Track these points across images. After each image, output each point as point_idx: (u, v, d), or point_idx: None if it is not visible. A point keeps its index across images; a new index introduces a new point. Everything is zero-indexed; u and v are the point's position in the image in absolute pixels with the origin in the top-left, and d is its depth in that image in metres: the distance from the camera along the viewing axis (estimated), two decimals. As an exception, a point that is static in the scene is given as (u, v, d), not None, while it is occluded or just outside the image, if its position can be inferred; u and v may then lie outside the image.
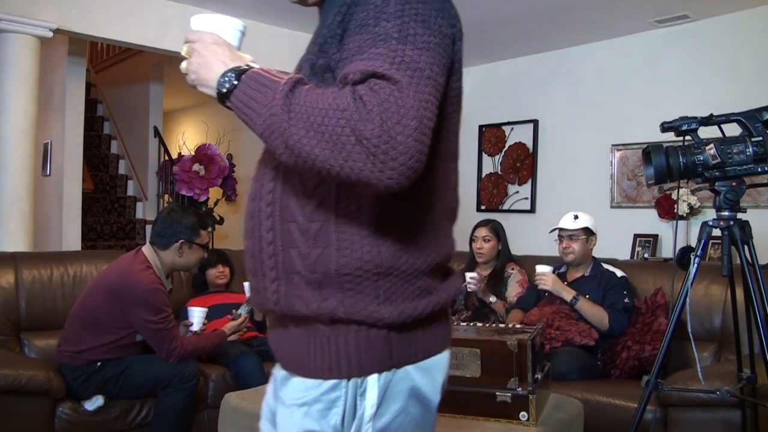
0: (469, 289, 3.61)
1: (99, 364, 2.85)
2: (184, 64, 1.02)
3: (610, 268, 3.47)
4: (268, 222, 1.01)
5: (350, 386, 0.97)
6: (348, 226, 0.96)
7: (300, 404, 0.98)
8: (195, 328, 3.14)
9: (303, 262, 0.98)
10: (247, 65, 0.97)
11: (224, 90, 0.95)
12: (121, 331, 2.84)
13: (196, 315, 3.16)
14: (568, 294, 3.28)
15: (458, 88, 1.05)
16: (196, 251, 3.01)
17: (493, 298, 3.62)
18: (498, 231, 3.86)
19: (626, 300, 3.28)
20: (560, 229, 3.51)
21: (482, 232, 3.85)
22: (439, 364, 1.08)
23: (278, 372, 1.08)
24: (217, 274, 3.78)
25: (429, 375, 1.05)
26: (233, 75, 0.95)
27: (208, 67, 0.97)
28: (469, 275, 3.58)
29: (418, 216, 1.02)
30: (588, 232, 3.47)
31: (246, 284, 3.53)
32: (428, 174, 0.97)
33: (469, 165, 6.14)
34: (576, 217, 3.49)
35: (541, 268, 3.36)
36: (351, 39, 0.94)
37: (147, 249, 2.95)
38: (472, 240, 3.89)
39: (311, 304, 0.97)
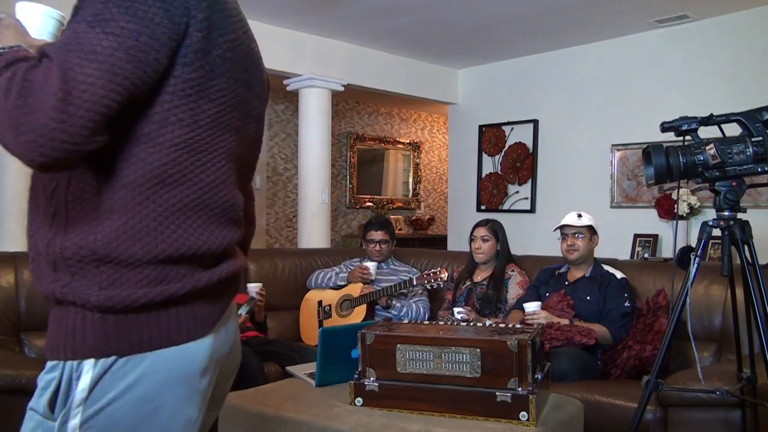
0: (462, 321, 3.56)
1: None
2: None
3: (611, 269, 3.46)
4: (28, 206, 1.10)
5: (66, 368, 1.00)
6: (75, 212, 1.02)
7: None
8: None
9: (42, 243, 1.04)
10: (10, 46, 0.98)
11: None
12: None
13: None
14: (564, 322, 3.27)
15: (192, 80, 1.03)
16: None
17: (489, 321, 3.60)
18: (497, 231, 3.85)
19: (626, 304, 3.27)
20: (564, 227, 3.50)
21: (481, 231, 3.84)
22: (191, 353, 1.06)
23: None
24: None
25: (177, 364, 1.04)
26: None
27: None
28: (456, 311, 3.55)
29: (140, 206, 1.01)
30: (591, 230, 3.47)
31: (249, 285, 3.53)
32: (152, 163, 1.01)
33: (469, 165, 6.15)
34: (579, 215, 3.49)
35: (529, 307, 3.28)
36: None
37: None
38: (471, 240, 3.88)
39: (44, 283, 1.04)
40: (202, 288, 1.07)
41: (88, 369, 0.99)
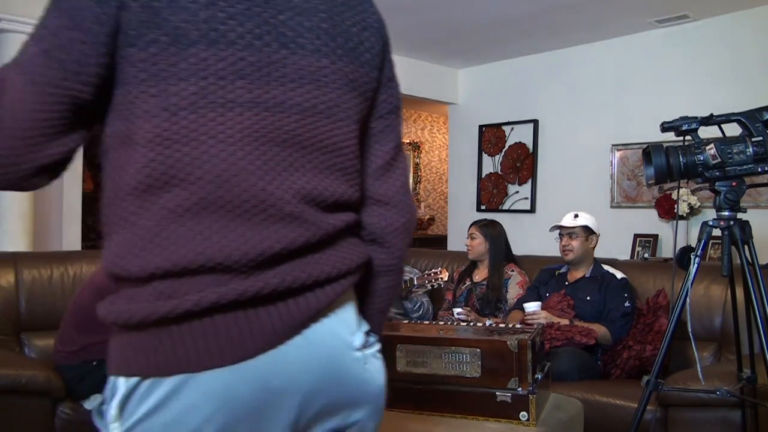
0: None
1: (95, 363, 2.85)
2: None
3: (611, 269, 3.46)
4: None
5: (110, 382, 0.92)
6: (106, 229, 0.93)
7: None
8: None
9: None
10: None
11: None
12: None
13: None
14: (564, 322, 3.28)
15: (144, 60, 0.85)
16: None
17: (489, 321, 3.60)
18: (487, 229, 3.88)
19: (626, 304, 3.28)
20: (560, 227, 3.51)
21: (471, 230, 3.91)
22: (220, 383, 0.87)
23: None
24: None
25: (206, 393, 0.87)
26: None
27: None
28: (456, 311, 3.58)
29: (135, 216, 0.88)
30: (588, 230, 3.47)
31: None
32: (135, 166, 0.87)
33: (470, 165, 6.15)
34: (576, 215, 3.50)
35: (529, 307, 3.29)
36: None
37: None
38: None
39: None
40: (231, 302, 0.88)
41: (119, 387, 0.90)
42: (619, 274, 3.42)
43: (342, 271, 0.98)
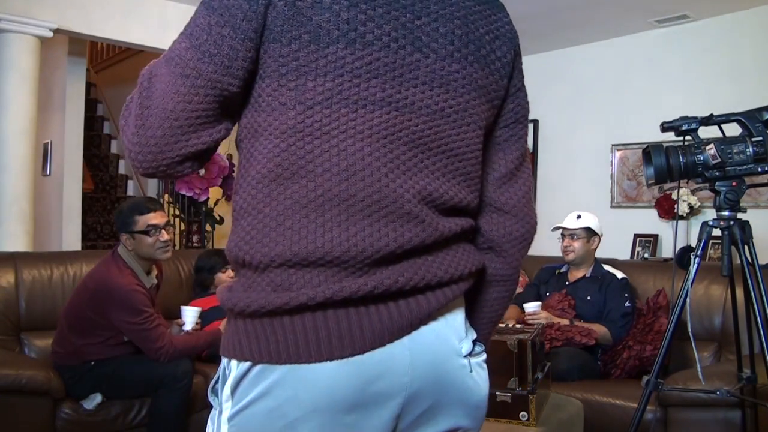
0: None
1: (92, 363, 2.85)
2: None
3: (611, 269, 3.46)
4: None
5: (223, 363, 0.97)
6: (234, 214, 0.98)
7: None
8: (187, 327, 3.11)
9: None
10: None
11: None
12: (108, 332, 2.84)
13: (189, 314, 3.14)
14: (564, 322, 3.28)
15: (285, 56, 0.90)
16: (141, 239, 2.90)
17: None
18: None
19: (627, 304, 3.27)
20: (562, 228, 3.51)
21: None
22: (328, 375, 0.89)
23: None
24: (226, 278, 3.76)
25: (311, 386, 0.89)
26: None
27: None
28: None
29: (262, 204, 0.92)
30: (590, 232, 3.47)
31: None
32: (267, 155, 0.91)
33: (469, 165, 6.15)
34: (579, 216, 3.49)
35: (529, 307, 3.29)
36: None
37: (121, 249, 2.94)
38: None
39: None
40: (344, 299, 0.89)
41: (233, 369, 0.93)
42: (619, 274, 3.42)
43: (454, 277, 0.98)
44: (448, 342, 0.98)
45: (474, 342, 1.04)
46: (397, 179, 0.93)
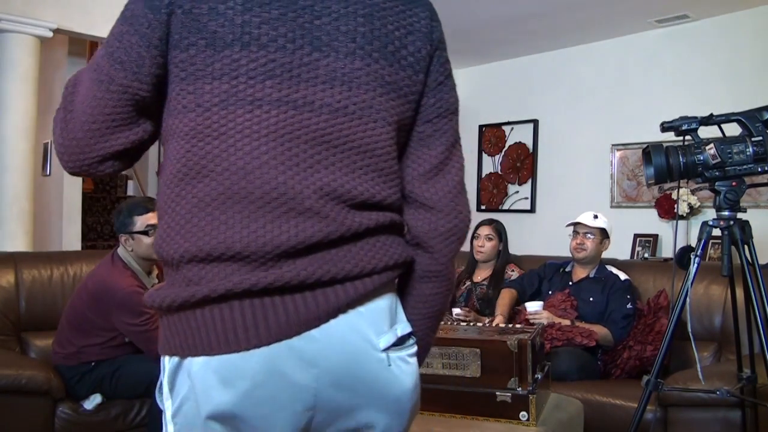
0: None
1: (93, 363, 2.85)
2: None
3: (614, 270, 3.46)
4: None
5: (162, 363, 1.00)
6: (158, 214, 1.03)
7: None
8: None
9: None
10: None
11: None
12: (109, 333, 2.84)
13: None
14: (565, 323, 3.27)
15: (184, 61, 0.94)
16: (140, 239, 2.90)
17: (488, 321, 3.60)
18: (501, 231, 3.86)
19: (629, 305, 3.27)
20: (578, 224, 3.49)
21: (485, 230, 3.85)
22: (235, 367, 0.92)
23: None
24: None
25: (223, 377, 0.92)
26: None
27: None
28: (455, 312, 3.56)
29: (173, 203, 0.96)
30: (604, 233, 3.47)
31: None
32: (175, 156, 0.96)
33: (470, 165, 6.14)
34: (596, 216, 3.48)
35: (531, 307, 3.28)
36: None
37: (121, 250, 2.94)
38: (474, 237, 3.89)
39: None
40: (246, 291, 0.92)
41: (166, 365, 0.98)
42: (622, 276, 3.41)
43: (366, 270, 0.99)
44: (362, 335, 0.98)
45: (406, 336, 1.04)
46: (295, 176, 0.94)
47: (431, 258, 1.09)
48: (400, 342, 1.02)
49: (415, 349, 1.06)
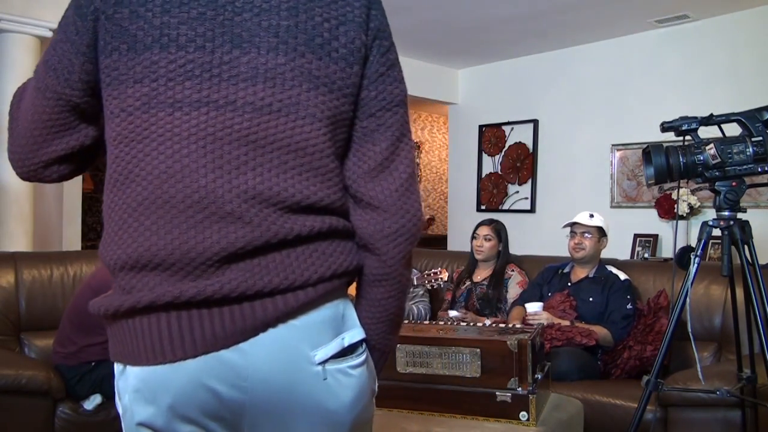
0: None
1: (93, 363, 2.85)
2: None
3: (614, 270, 3.46)
4: None
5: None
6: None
7: None
8: None
9: None
10: None
11: None
12: None
13: None
14: (565, 323, 3.27)
15: (108, 66, 0.93)
16: None
17: (488, 321, 3.60)
18: (500, 232, 3.86)
19: (628, 306, 3.27)
20: (574, 224, 3.49)
21: (484, 230, 3.85)
22: (162, 380, 0.91)
23: None
24: None
25: (148, 389, 0.92)
26: None
27: None
28: (452, 314, 3.56)
29: (109, 210, 0.95)
30: (601, 232, 3.47)
31: None
32: (108, 163, 0.96)
33: (470, 165, 6.15)
34: (592, 215, 3.48)
35: (531, 308, 3.28)
36: None
37: None
38: (473, 237, 3.89)
39: None
40: (168, 304, 0.90)
41: (115, 371, 0.98)
42: (622, 276, 3.41)
43: (297, 283, 0.93)
44: (294, 350, 0.94)
45: (356, 344, 1.00)
46: (218, 179, 0.91)
47: (379, 261, 1.02)
48: (345, 352, 0.98)
49: (362, 358, 1.01)
